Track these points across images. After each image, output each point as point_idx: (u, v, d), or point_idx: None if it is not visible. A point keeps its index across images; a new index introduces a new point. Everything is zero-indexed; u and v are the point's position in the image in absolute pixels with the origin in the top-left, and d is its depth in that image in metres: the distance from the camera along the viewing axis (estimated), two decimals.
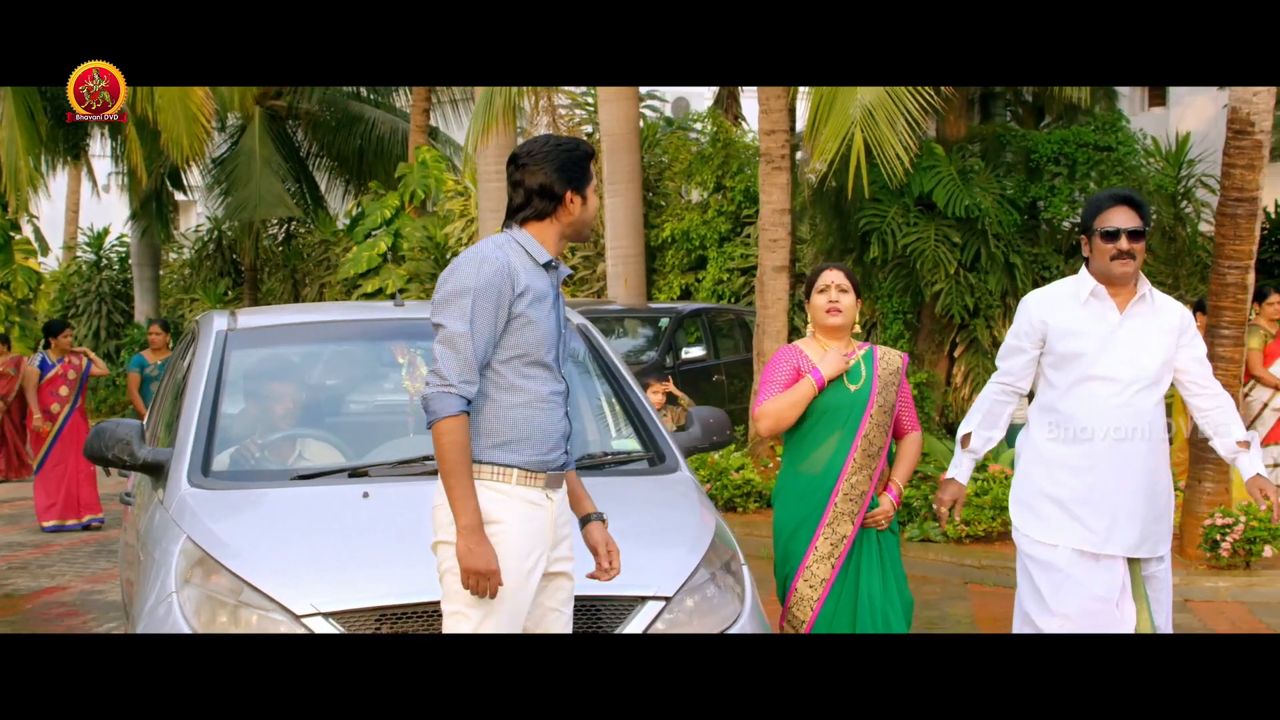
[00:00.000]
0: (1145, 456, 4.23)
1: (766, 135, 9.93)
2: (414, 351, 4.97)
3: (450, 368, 3.33)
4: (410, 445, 4.66)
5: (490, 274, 3.34)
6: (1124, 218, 4.21)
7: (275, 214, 18.98)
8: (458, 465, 3.29)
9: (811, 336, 4.71)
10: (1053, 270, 12.32)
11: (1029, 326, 4.34)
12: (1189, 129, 13.98)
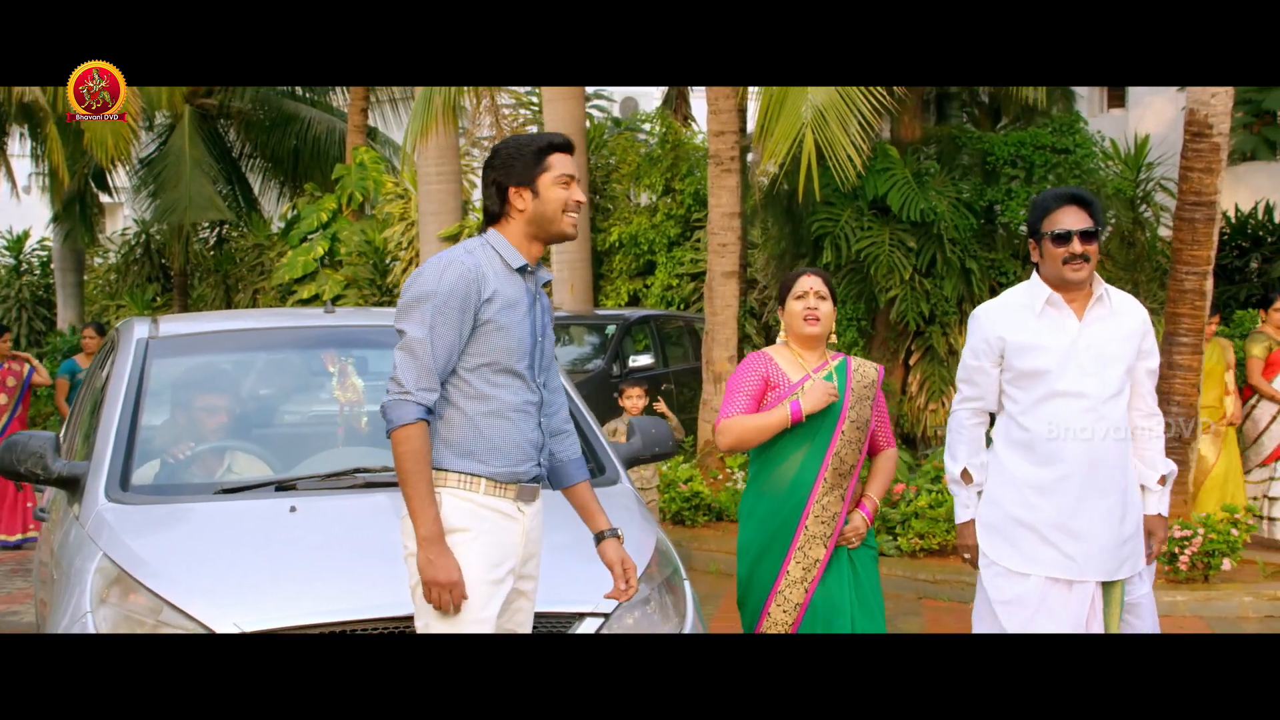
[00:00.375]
0: (1117, 472, 4.12)
1: (715, 136, 9.95)
2: (345, 360, 4.96)
3: (408, 375, 3.32)
4: (340, 457, 4.64)
5: (454, 279, 3.34)
6: (1074, 218, 4.07)
7: (206, 217, 18.78)
8: (415, 474, 3.28)
9: (784, 344, 4.62)
10: (1010, 276, 12.41)
11: (985, 344, 4.18)
12: (1148, 131, 14.17)
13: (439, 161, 15.29)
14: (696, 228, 15.37)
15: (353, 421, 4.96)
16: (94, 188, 20.16)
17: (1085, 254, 4.05)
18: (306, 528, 4.03)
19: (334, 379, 4.97)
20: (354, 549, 3.90)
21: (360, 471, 4.40)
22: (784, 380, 4.51)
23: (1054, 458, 4.08)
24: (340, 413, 4.86)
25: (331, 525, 4.02)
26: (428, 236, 15.36)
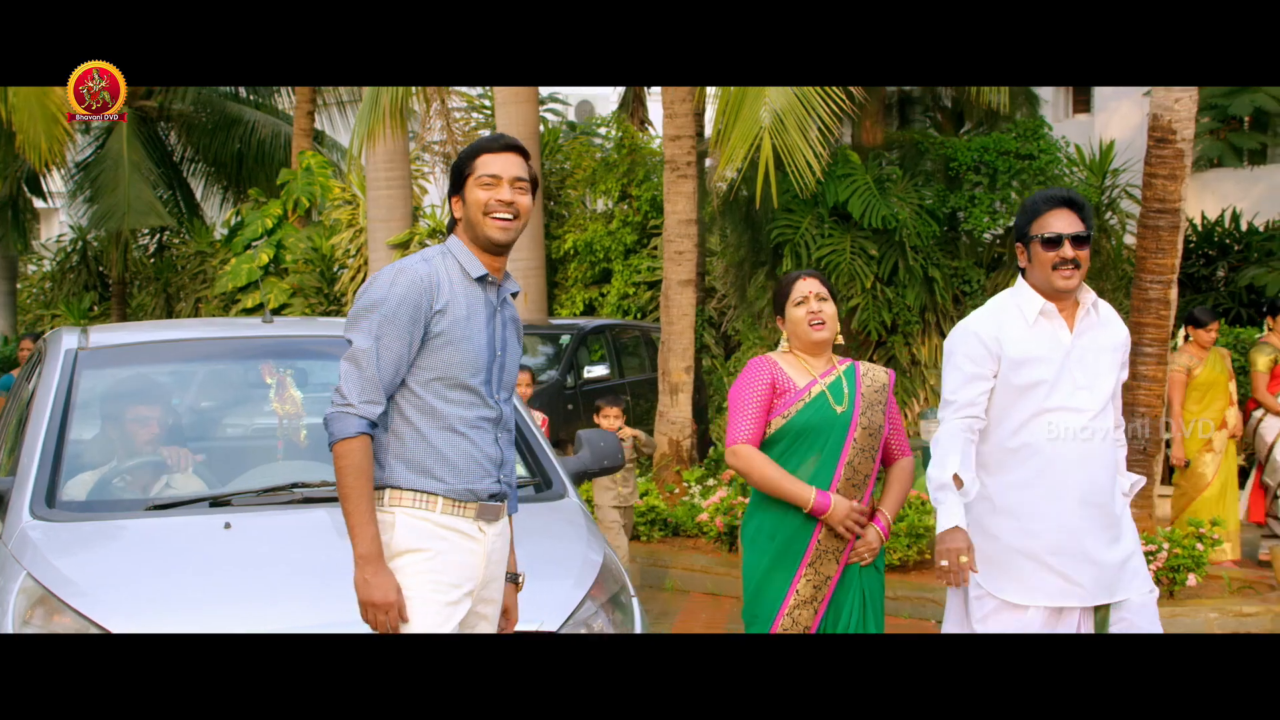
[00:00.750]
0: (1111, 488, 4.04)
1: (671, 141, 9.97)
2: (283, 372, 4.93)
3: (351, 387, 3.30)
4: (278, 472, 4.61)
5: (404, 287, 3.31)
6: (1065, 221, 3.99)
7: (146, 223, 18.63)
8: (354, 490, 3.26)
9: (787, 350, 4.49)
10: (973, 284, 12.51)
11: (983, 350, 4.00)
12: (1114, 137, 14.31)
13: (388, 166, 15.23)
14: (653, 235, 15.40)
15: (292, 435, 4.94)
16: (27, 192, 19.99)
17: (1076, 259, 3.97)
18: (241, 545, 4.00)
19: (272, 391, 4.94)
20: (291, 567, 3.88)
21: (298, 486, 4.37)
22: (791, 385, 4.39)
23: (1050, 478, 3.97)
24: (279, 426, 4.84)
25: (268, 543, 3.99)
26: (376, 244, 15.29)
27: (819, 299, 4.41)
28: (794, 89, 9.02)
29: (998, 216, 12.42)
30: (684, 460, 10.15)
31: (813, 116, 9.12)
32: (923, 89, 14.14)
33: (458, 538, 3.35)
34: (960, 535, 3.89)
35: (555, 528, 4.37)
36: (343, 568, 3.59)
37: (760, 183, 9.09)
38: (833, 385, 4.41)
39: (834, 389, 4.41)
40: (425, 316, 3.32)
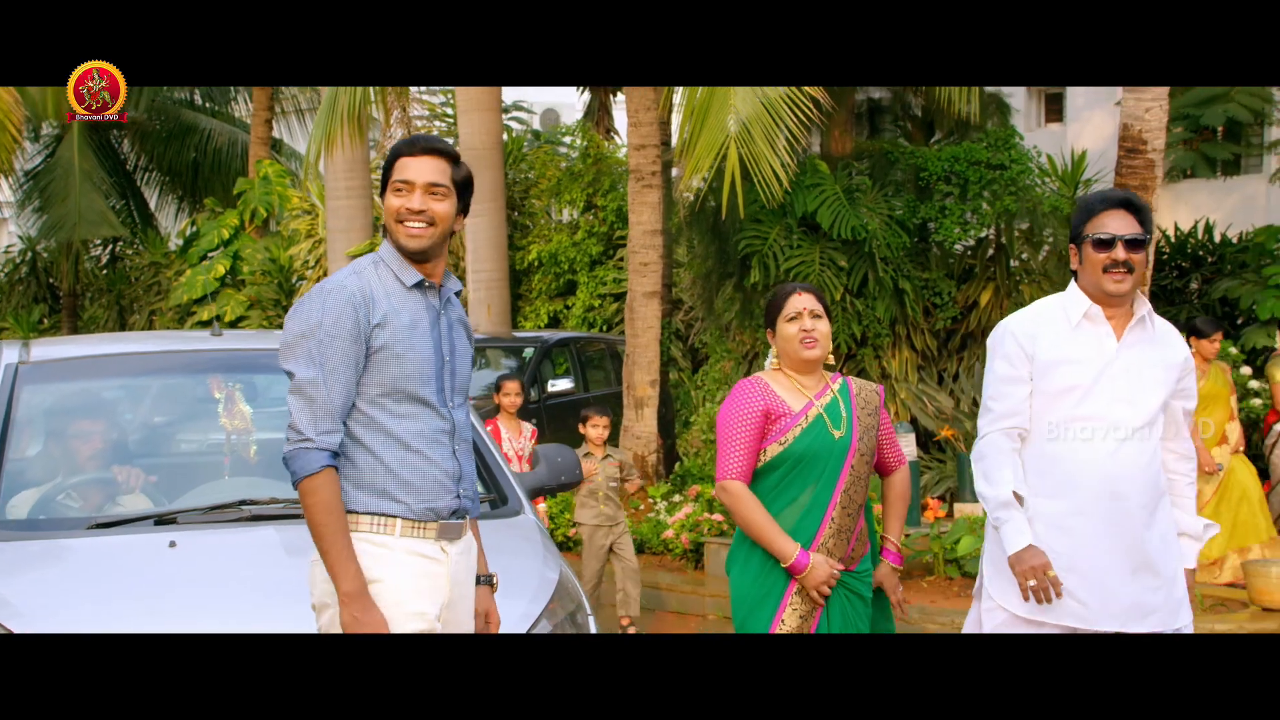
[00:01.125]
0: (1144, 512, 3.85)
1: (636, 150, 9.98)
2: (231, 386, 4.90)
3: (305, 420, 3.19)
4: (226, 489, 4.57)
5: (337, 306, 3.22)
6: (1120, 223, 3.87)
7: (98, 233, 18.54)
8: (328, 527, 3.16)
9: (776, 368, 4.35)
10: (944, 296, 12.55)
11: (1018, 350, 3.91)
12: (1086, 147, 14.40)
13: (348, 175, 15.21)
14: (619, 246, 15.40)
15: (240, 450, 4.91)
16: None
17: (1129, 263, 3.84)
18: (186, 564, 3.95)
19: (220, 405, 4.91)
20: (238, 587, 3.83)
21: (246, 504, 4.32)
22: (786, 410, 4.23)
23: (1070, 488, 3.84)
24: (227, 441, 4.80)
25: (214, 562, 3.94)
26: (336, 254, 15.25)
27: (813, 316, 4.27)
28: (761, 98, 9.05)
29: (969, 227, 12.47)
30: (649, 476, 10.14)
31: (780, 126, 9.14)
32: (893, 98, 14.21)
33: (419, 561, 3.26)
34: (1036, 552, 3.76)
35: (510, 545, 4.33)
36: (292, 587, 3.62)
37: (726, 193, 9.10)
38: (829, 407, 4.27)
39: (831, 411, 4.27)
40: (365, 332, 3.23)
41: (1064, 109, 18.74)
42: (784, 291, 4.38)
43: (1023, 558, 3.77)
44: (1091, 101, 16.96)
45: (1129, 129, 8.09)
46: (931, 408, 11.65)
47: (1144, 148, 8.06)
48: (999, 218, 12.36)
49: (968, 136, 13.14)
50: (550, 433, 11.99)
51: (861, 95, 14.41)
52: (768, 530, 4.18)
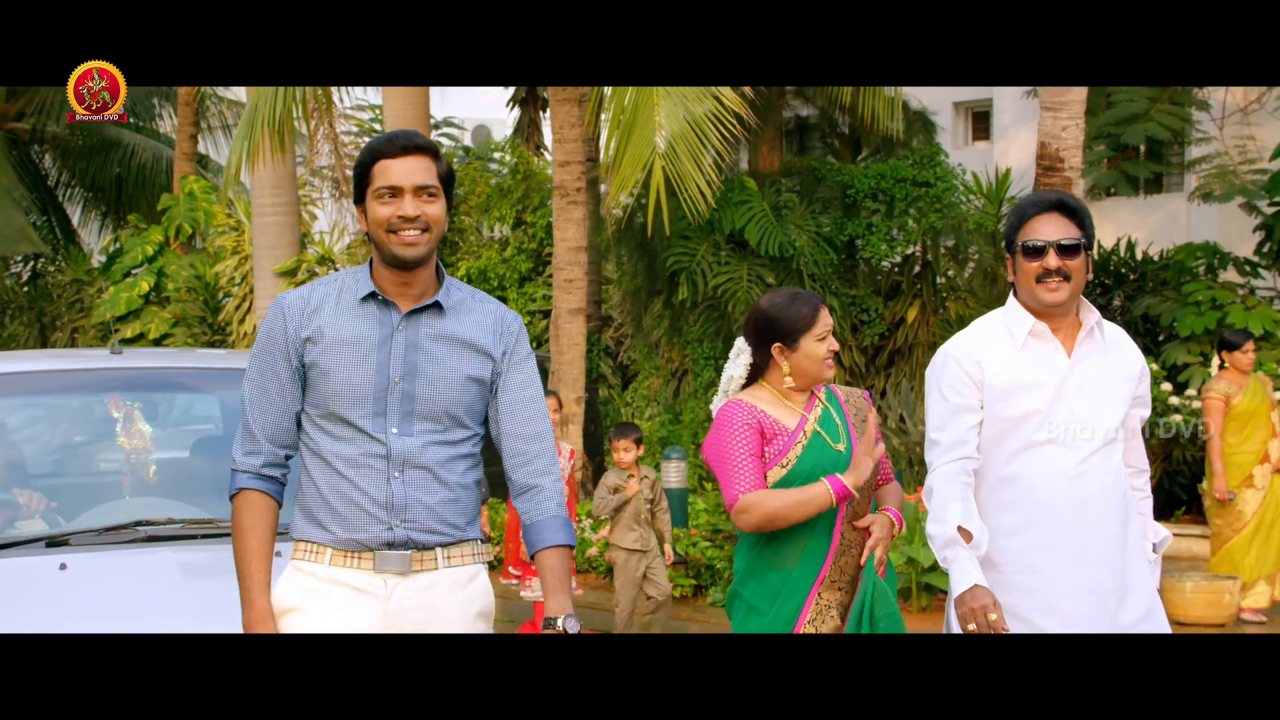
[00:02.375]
0: (1115, 538, 3.60)
1: (561, 167, 9.97)
2: (131, 405, 4.80)
3: (236, 440, 3.13)
4: (124, 510, 4.46)
5: (270, 320, 3.13)
6: (1054, 227, 3.56)
7: (16, 250, 18.24)
8: (235, 552, 3.08)
9: (763, 385, 3.94)
10: (871, 313, 12.65)
11: (963, 376, 3.64)
12: (1012, 164, 14.56)
13: (275, 192, 15.04)
14: (549, 262, 15.32)
15: (140, 471, 4.78)
16: None
17: (1064, 270, 3.53)
18: (76, 587, 3.85)
19: (119, 425, 4.80)
20: (131, 610, 3.71)
21: (142, 524, 4.20)
22: (782, 429, 3.84)
23: (1037, 522, 3.57)
24: (126, 461, 4.71)
25: (105, 584, 3.85)
26: (262, 271, 15.08)
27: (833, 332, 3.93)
28: (686, 115, 9.06)
29: (895, 244, 12.57)
30: (575, 494, 10.10)
31: (705, 143, 9.16)
32: (820, 115, 14.30)
33: (345, 593, 3.07)
34: (982, 592, 3.47)
35: None
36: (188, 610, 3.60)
37: (651, 210, 9.11)
38: (824, 420, 3.90)
39: (826, 424, 3.90)
40: (295, 348, 3.08)
41: (990, 127, 18.94)
42: (809, 305, 3.90)
43: (964, 599, 3.49)
44: (1017, 120, 17.15)
45: (1046, 147, 8.17)
46: None
47: (1061, 165, 8.15)
48: (925, 235, 12.48)
49: (894, 154, 13.26)
50: None
51: (789, 113, 14.52)
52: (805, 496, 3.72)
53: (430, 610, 3.12)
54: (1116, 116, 12.06)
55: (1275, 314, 11.40)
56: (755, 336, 3.94)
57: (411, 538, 3.11)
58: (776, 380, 3.91)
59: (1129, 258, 12.70)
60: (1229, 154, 12.46)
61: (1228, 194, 11.94)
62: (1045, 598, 3.54)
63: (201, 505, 4.42)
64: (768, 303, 3.94)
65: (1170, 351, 11.50)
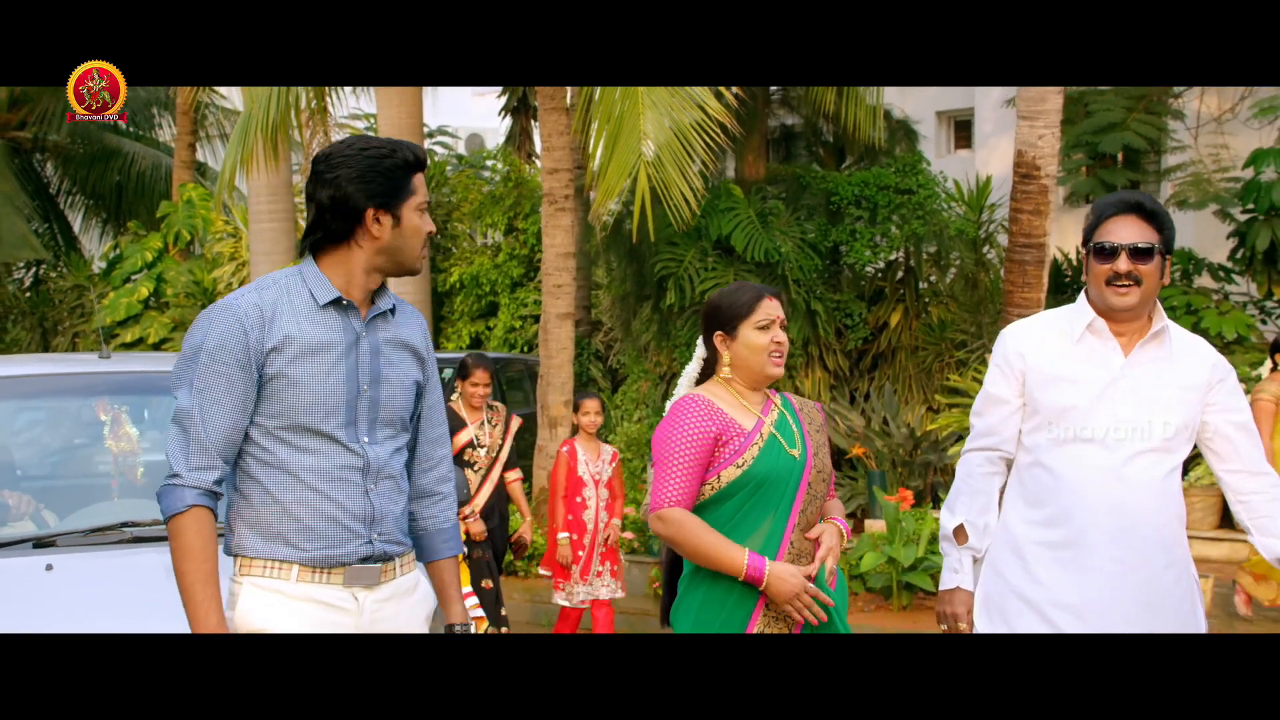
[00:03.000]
0: (1155, 545, 3.42)
1: (549, 174, 10.02)
2: (118, 409, 4.82)
3: (178, 454, 2.88)
4: (110, 511, 4.46)
5: (223, 327, 2.88)
6: (1129, 230, 3.45)
7: (18, 256, 18.27)
8: (187, 575, 2.84)
9: (720, 380, 3.72)
10: (855, 318, 12.70)
11: (1005, 365, 3.57)
12: (993, 172, 14.62)
13: (271, 199, 15.12)
14: (540, 268, 15.41)
15: (127, 473, 4.80)
16: None
17: (1135, 274, 3.42)
18: (61, 587, 3.87)
19: (106, 428, 4.82)
20: (115, 610, 3.71)
21: (128, 526, 4.21)
22: (739, 429, 3.61)
23: (1067, 518, 3.46)
24: (114, 464, 4.72)
25: (91, 584, 3.86)
26: (259, 276, 15.13)
27: (782, 326, 3.69)
28: (671, 125, 9.12)
29: (878, 250, 12.63)
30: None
31: (690, 153, 9.21)
32: (804, 124, 14.36)
33: (319, 610, 2.95)
34: (960, 597, 3.45)
35: None
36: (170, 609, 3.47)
37: (637, 217, 9.17)
38: (780, 424, 3.68)
39: (783, 428, 3.68)
40: (256, 357, 2.89)
41: (972, 136, 19.01)
42: (751, 293, 3.69)
43: (943, 598, 3.51)
44: (998, 128, 17.21)
45: (1023, 155, 8.23)
46: (844, 426, 11.76)
47: (1037, 173, 8.20)
48: (907, 241, 12.54)
49: (877, 162, 13.33)
50: None
51: (775, 121, 14.58)
52: (723, 549, 3.51)
53: (393, 621, 3.08)
54: (1094, 125, 12.13)
55: (1249, 319, 11.47)
56: (702, 327, 3.78)
57: (386, 550, 3.05)
58: (724, 374, 3.71)
59: None
60: (1203, 163, 12.52)
61: (1202, 202, 12.00)
62: (1063, 593, 3.43)
63: None
64: (716, 293, 3.79)
65: None
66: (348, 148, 3.00)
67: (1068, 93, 12.46)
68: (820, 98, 12.45)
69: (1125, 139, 11.94)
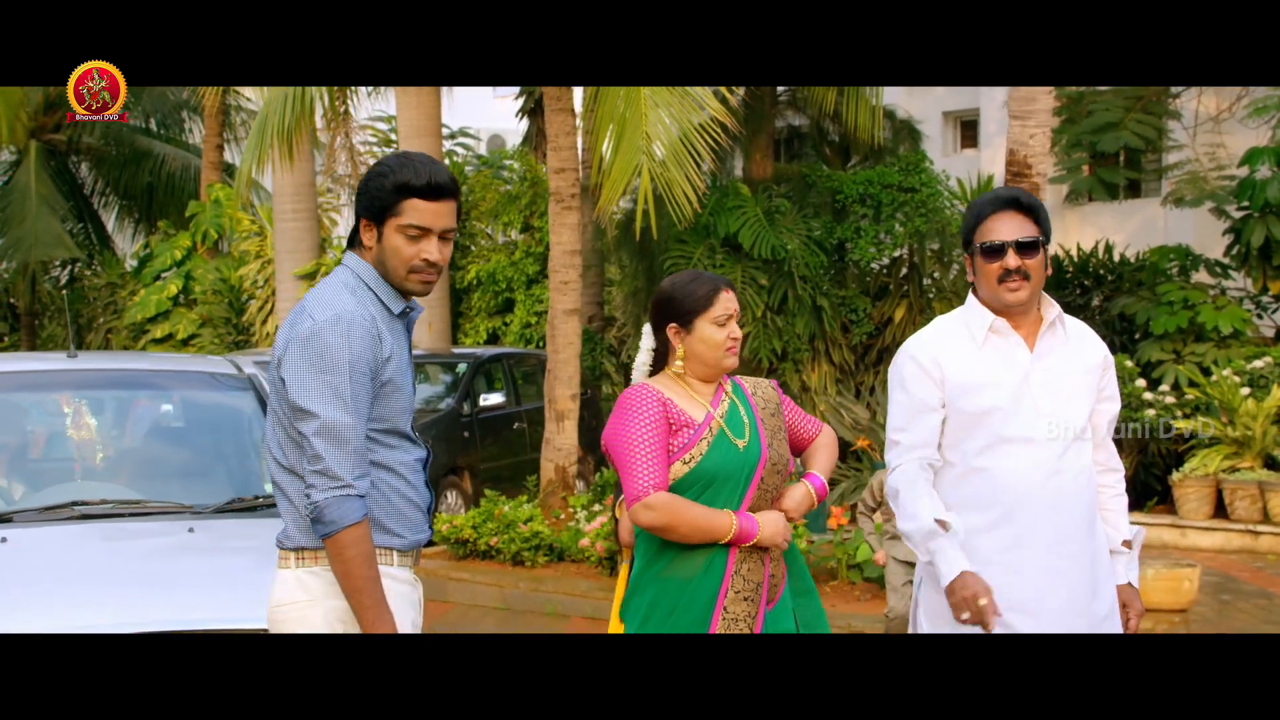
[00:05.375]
0: (1085, 534, 3.42)
1: (556, 173, 9.98)
2: (79, 401, 5.24)
3: (342, 465, 2.91)
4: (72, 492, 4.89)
5: (361, 341, 2.97)
6: (1011, 226, 3.39)
7: (53, 255, 18.39)
8: (370, 580, 2.93)
9: (671, 374, 3.55)
10: (860, 313, 12.66)
11: (923, 376, 3.45)
12: (995, 171, 14.54)
13: (295, 198, 15.17)
14: None
15: (88, 459, 5.20)
16: None
17: (1024, 269, 3.37)
18: (15, 557, 4.21)
19: (68, 419, 5.20)
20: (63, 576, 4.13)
21: (79, 504, 4.65)
22: (688, 421, 3.46)
23: (1007, 521, 3.37)
24: (75, 448, 5.14)
25: (39, 555, 4.23)
26: (284, 275, 15.20)
27: (736, 319, 3.53)
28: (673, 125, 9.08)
29: (883, 247, 12.59)
30: (570, 486, 10.14)
31: (693, 153, 9.17)
32: (810, 124, 14.32)
33: (407, 589, 3.12)
34: (971, 579, 3.26)
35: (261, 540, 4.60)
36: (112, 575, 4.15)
37: (640, 215, 9.15)
38: (729, 415, 3.51)
39: (731, 420, 3.51)
40: (377, 366, 3.02)
41: (978, 136, 18.91)
42: (708, 285, 3.53)
43: (954, 588, 3.28)
44: (1001, 129, 17.04)
45: (1015, 154, 8.16)
46: (849, 419, 11.72)
47: (1029, 171, 8.13)
48: (911, 238, 12.49)
49: (881, 161, 13.28)
50: (481, 446, 11.98)
51: (781, 122, 14.55)
52: (713, 518, 3.39)
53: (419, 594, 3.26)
54: (1093, 125, 12.04)
55: (1244, 313, 11.37)
56: (653, 317, 3.59)
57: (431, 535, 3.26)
58: (675, 367, 3.54)
59: (1107, 260, 12.68)
60: (1200, 161, 12.42)
61: (1198, 199, 11.90)
62: (1017, 595, 3.33)
63: (138, 489, 4.94)
64: (668, 282, 3.61)
65: (1144, 349, 11.47)
66: (380, 163, 3.14)
67: (1068, 92, 12.40)
68: (823, 99, 12.41)
69: (1123, 138, 11.85)
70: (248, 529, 4.48)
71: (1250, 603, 8.58)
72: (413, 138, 13.49)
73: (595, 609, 8.67)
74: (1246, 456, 10.36)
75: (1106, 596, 3.45)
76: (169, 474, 5.07)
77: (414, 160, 3.08)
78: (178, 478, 5.04)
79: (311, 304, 3.04)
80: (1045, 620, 3.34)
